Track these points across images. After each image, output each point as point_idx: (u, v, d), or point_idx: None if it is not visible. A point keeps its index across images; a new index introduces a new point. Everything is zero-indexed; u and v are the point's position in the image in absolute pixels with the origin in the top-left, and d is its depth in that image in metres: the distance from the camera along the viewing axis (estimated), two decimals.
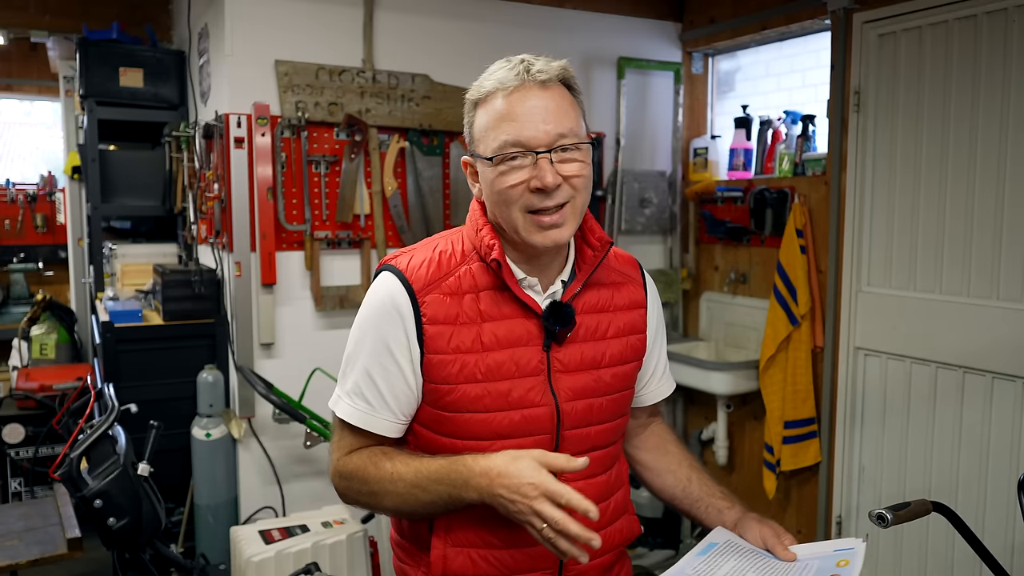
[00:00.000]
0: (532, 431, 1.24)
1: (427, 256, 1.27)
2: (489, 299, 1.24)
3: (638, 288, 1.39)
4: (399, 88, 3.12)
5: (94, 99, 3.55)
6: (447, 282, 1.24)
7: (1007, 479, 2.54)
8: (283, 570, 2.40)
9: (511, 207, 1.20)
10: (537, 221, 1.19)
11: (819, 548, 1.28)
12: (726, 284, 3.60)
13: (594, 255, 1.30)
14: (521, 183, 1.18)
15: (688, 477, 1.43)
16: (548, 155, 1.17)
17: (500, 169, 1.19)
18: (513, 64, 1.21)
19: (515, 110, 1.18)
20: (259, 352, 3.02)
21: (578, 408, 1.27)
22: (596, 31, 3.59)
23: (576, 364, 1.27)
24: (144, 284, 3.57)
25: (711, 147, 3.71)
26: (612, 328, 1.32)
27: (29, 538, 2.30)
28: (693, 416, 3.83)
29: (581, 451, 1.27)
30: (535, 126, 1.17)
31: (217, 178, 3.05)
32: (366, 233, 3.15)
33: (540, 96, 1.18)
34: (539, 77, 1.18)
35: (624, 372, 1.34)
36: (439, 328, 1.22)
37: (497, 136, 1.19)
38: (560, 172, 1.18)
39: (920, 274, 2.78)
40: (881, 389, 2.93)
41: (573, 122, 1.20)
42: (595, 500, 1.27)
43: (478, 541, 1.25)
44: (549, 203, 1.18)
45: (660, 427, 1.52)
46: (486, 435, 1.23)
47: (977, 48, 2.58)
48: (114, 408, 2.39)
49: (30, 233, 5.83)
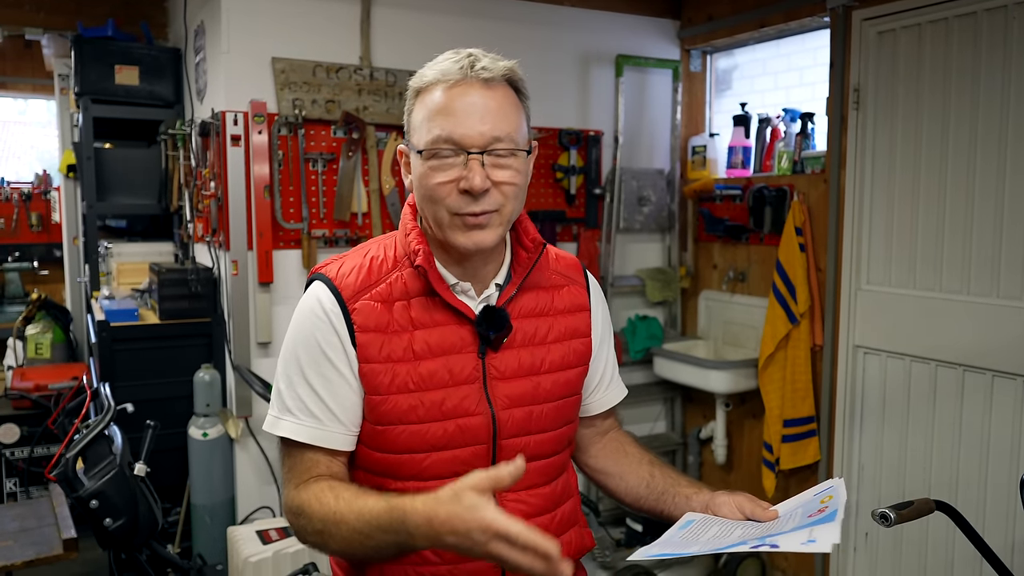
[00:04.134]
0: (468, 441, 1.20)
1: (357, 263, 1.22)
2: (420, 306, 1.20)
3: (580, 290, 1.34)
4: (397, 86, 3.11)
5: (89, 97, 3.53)
6: (377, 289, 1.20)
7: (1007, 477, 2.54)
8: (280, 570, 2.39)
9: (437, 205, 1.15)
10: (462, 221, 1.15)
11: (799, 499, 1.25)
12: (725, 282, 3.59)
13: (528, 257, 1.26)
14: (450, 182, 1.13)
15: (650, 473, 1.37)
16: (480, 157, 1.12)
17: (430, 164, 1.14)
18: (460, 57, 1.16)
19: (452, 105, 1.13)
20: (256, 351, 3.01)
21: (516, 416, 1.22)
22: (594, 28, 3.58)
23: (513, 371, 1.23)
24: (140, 283, 3.55)
25: (709, 145, 3.70)
26: (552, 332, 1.28)
27: (24, 539, 2.28)
28: (692, 415, 3.83)
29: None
30: (471, 125, 1.12)
31: (213, 176, 3.04)
32: (363, 231, 3.14)
33: (481, 95, 1.13)
34: (482, 75, 1.14)
35: (566, 378, 1.29)
36: (370, 336, 1.18)
37: (431, 129, 1.14)
38: (491, 176, 1.13)
39: (920, 272, 2.77)
40: (880, 387, 2.92)
41: (512, 127, 1.15)
42: (539, 511, 1.26)
43: (417, 559, 1.19)
44: (475, 208, 1.13)
45: (617, 434, 1.46)
46: (421, 447, 1.18)
47: (977, 45, 2.57)
48: (110, 408, 2.37)
49: (25, 232, 5.81)
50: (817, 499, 1.21)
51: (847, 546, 3.07)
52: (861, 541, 3.03)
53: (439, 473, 1.19)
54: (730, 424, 3.52)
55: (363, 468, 1.24)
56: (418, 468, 1.20)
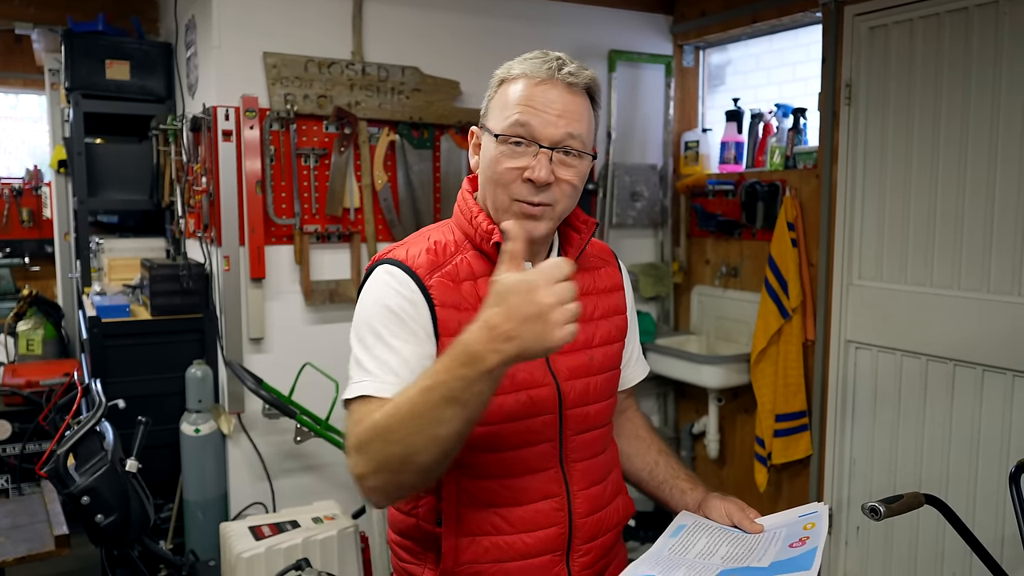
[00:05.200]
0: (539, 411, 1.25)
1: (423, 246, 1.26)
2: (487, 286, 1.22)
3: (615, 271, 1.44)
4: (389, 81, 3.10)
5: (80, 92, 3.51)
6: (446, 269, 1.24)
7: (997, 471, 2.55)
8: (273, 566, 2.39)
9: (501, 189, 1.22)
10: (520, 208, 1.21)
11: (784, 517, 1.31)
12: (717, 277, 3.60)
13: (580, 238, 1.33)
14: (517, 168, 1.20)
15: (655, 461, 1.47)
16: (550, 152, 1.19)
17: (503, 149, 1.21)
18: (548, 59, 1.23)
19: (535, 98, 1.20)
20: (248, 347, 3.00)
21: (576, 387, 1.29)
22: (587, 24, 3.58)
23: (570, 345, 1.25)
24: (131, 279, 3.54)
25: (702, 140, 3.70)
26: (599, 309, 1.36)
27: (16, 535, 2.27)
28: (684, 410, 3.83)
29: (583, 430, 1.30)
30: (549, 119, 1.19)
31: (205, 171, 3.02)
32: (356, 227, 3.13)
33: (562, 95, 1.21)
34: (568, 79, 1.21)
35: (612, 352, 1.38)
36: (448, 312, 1.21)
37: (510, 116, 1.20)
38: (556, 172, 1.20)
39: (911, 267, 2.78)
40: (872, 382, 2.93)
41: (584, 130, 1.22)
42: (598, 480, 1.33)
43: (489, 528, 1.25)
44: (535, 198, 1.20)
45: (634, 414, 1.55)
46: (497, 418, 1.22)
47: (968, 41, 2.58)
48: (101, 404, 2.37)
49: (16, 228, 5.78)
50: (800, 523, 1.26)
51: (839, 539, 3.08)
52: (852, 535, 3.04)
53: (515, 443, 1.24)
54: (722, 419, 3.53)
55: None
56: (496, 439, 1.24)
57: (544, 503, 1.27)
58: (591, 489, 1.31)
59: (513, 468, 1.25)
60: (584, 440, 1.31)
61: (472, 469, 1.25)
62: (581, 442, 1.31)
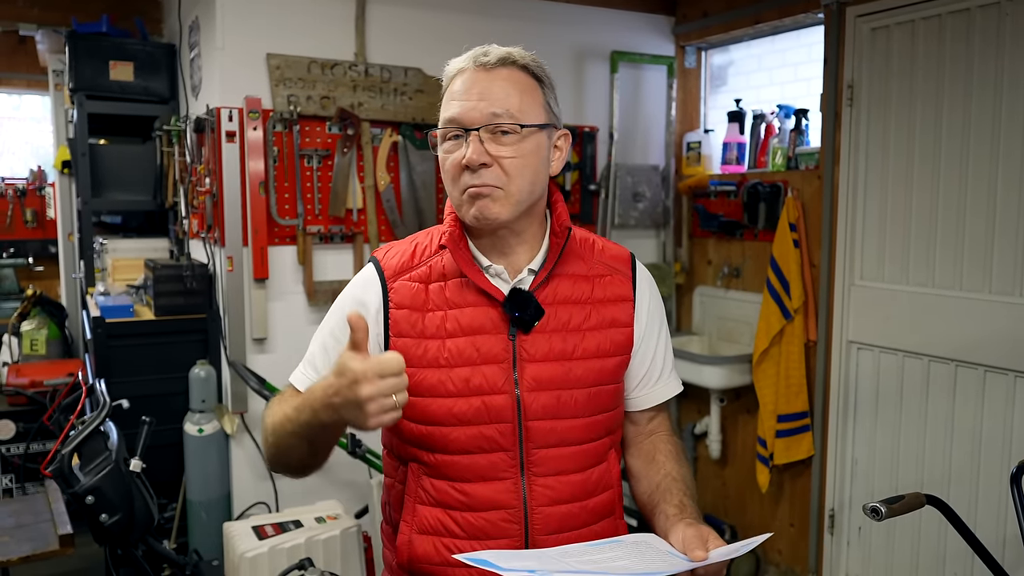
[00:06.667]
0: (492, 419, 1.24)
1: (403, 248, 1.34)
2: (455, 287, 1.27)
3: (624, 281, 1.35)
4: (392, 82, 3.11)
5: (84, 93, 3.52)
6: (417, 271, 1.29)
7: (999, 472, 2.56)
8: (276, 566, 2.40)
9: (453, 185, 1.25)
10: (468, 195, 1.22)
11: (733, 548, 1.16)
12: (719, 278, 3.60)
13: (557, 243, 1.30)
14: (459, 160, 1.21)
15: (658, 484, 1.33)
16: (477, 133, 1.20)
17: (444, 147, 1.25)
18: (474, 50, 1.26)
19: (455, 89, 1.24)
20: (251, 347, 3.01)
21: (542, 399, 1.24)
22: (589, 24, 3.58)
23: (544, 354, 1.26)
24: (135, 279, 3.55)
25: (704, 141, 3.71)
26: (591, 320, 1.29)
27: (20, 535, 2.28)
28: (686, 410, 3.84)
29: (549, 444, 1.25)
30: (470, 104, 1.21)
31: (208, 172, 3.03)
32: (359, 227, 3.14)
33: (483, 78, 1.22)
34: (482, 60, 1.23)
35: (601, 366, 1.29)
36: (404, 312, 1.27)
37: (443, 115, 1.25)
38: (491, 152, 1.20)
39: (913, 268, 2.78)
40: (874, 383, 2.94)
41: (513, 104, 1.21)
42: (567, 499, 1.27)
43: (440, 528, 1.26)
44: (474, 181, 1.20)
45: (660, 437, 1.41)
46: (447, 420, 1.24)
47: (970, 42, 2.58)
48: (105, 404, 2.38)
49: (20, 228, 5.78)
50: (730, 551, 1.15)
51: (840, 539, 3.08)
52: (854, 535, 3.05)
53: (465, 447, 1.24)
54: (724, 419, 3.53)
55: (399, 437, 1.31)
56: (445, 441, 1.24)
57: (495, 513, 1.24)
58: (557, 507, 1.25)
59: (465, 473, 1.24)
60: (551, 455, 1.25)
61: (427, 467, 1.27)
62: (546, 456, 1.25)
